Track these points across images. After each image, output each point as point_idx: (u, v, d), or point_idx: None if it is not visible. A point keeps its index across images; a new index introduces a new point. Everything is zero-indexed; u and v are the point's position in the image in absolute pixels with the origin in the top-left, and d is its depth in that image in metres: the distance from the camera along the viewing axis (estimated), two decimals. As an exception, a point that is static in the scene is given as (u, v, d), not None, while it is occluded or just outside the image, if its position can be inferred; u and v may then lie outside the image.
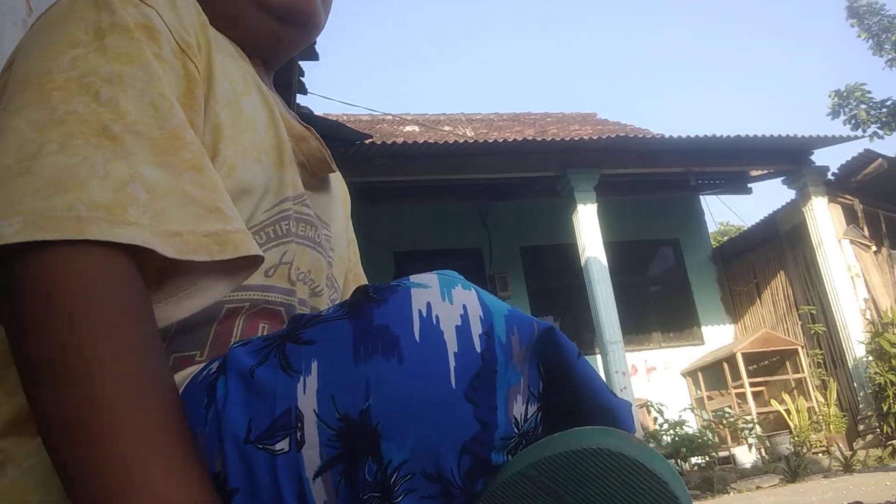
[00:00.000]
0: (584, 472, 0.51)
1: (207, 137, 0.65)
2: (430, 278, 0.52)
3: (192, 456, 0.48)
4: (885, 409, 7.46)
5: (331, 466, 0.48)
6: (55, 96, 0.54)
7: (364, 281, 1.02)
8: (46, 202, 0.48)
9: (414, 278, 0.52)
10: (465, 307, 0.50)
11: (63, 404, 0.46)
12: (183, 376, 0.58)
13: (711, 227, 11.46)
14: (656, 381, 9.25)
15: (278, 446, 0.48)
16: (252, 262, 0.59)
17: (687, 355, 9.57)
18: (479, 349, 0.48)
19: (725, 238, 12.94)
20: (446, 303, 0.50)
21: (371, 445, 0.47)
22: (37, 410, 0.48)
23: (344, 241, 0.93)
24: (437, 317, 0.49)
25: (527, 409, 0.50)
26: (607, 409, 0.54)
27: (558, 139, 7.66)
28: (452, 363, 0.47)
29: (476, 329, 0.49)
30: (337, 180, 0.94)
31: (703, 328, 9.87)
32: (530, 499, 0.52)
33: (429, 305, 0.49)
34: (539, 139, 7.56)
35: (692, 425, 8.11)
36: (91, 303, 0.48)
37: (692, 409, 8.71)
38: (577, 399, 0.53)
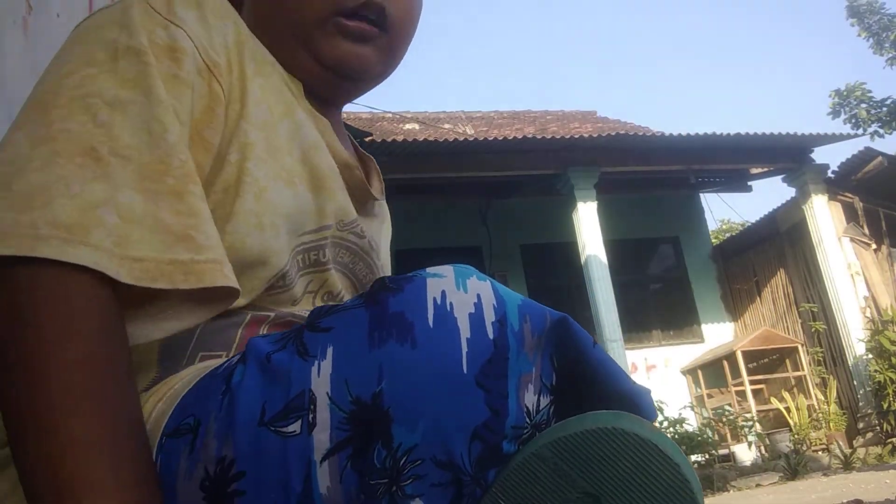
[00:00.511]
0: (597, 453, 0.51)
1: (234, 156, 0.65)
2: (447, 269, 0.53)
3: (134, 464, 0.49)
4: (884, 406, 7.47)
5: (340, 449, 0.48)
6: (55, 113, 0.55)
7: None
8: (14, 218, 0.50)
9: (430, 269, 0.53)
10: (479, 296, 0.50)
11: (8, 409, 0.49)
12: (198, 369, 0.60)
13: (712, 225, 11.47)
14: (656, 379, 9.25)
15: (290, 428, 0.49)
16: (226, 294, 0.59)
17: (687, 353, 9.57)
18: (491, 336, 0.49)
19: (727, 235, 12.95)
20: (461, 291, 0.50)
21: (382, 429, 0.47)
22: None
23: (388, 267, 0.94)
24: (451, 304, 0.50)
25: (538, 399, 0.51)
26: (627, 396, 0.55)
27: (558, 137, 7.66)
28: (465, 349, 0.48)
29: (489, 317, 0.49)
30: (383, 209, 0.94)
31: (703, 326, 9.87)
32: (543, 482, 0.52)
33: (443, 293, 0.50)
34: (539, 137, 7.56)
35: (692, 423, 8.12)
36: (40, 317, 0.49)
37: (692, 407, 8.72)
38: (594, 388, 0.54)
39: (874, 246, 8.62)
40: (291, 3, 0.74)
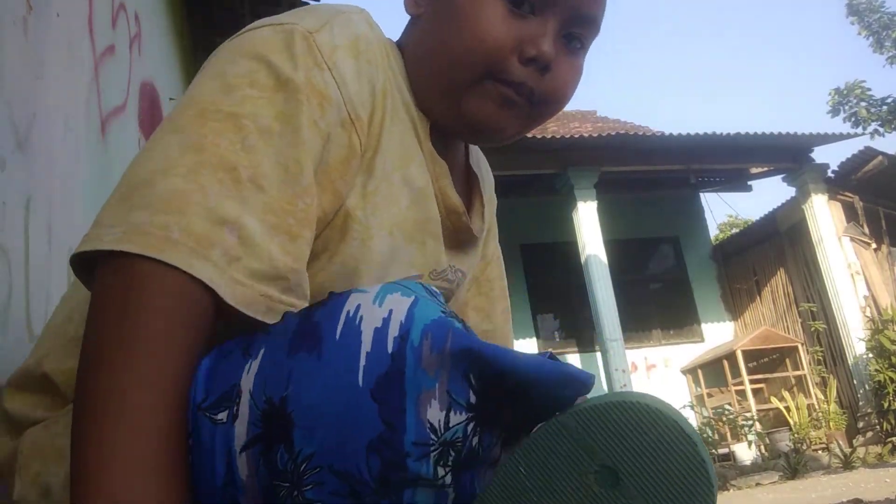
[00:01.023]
0: (620, 426, 0.52)
1: (352, 200, 0.69)
2: (376, 286, 0.55)
3: (178, 472, 0.52)
4: (884, 406, 7.47)
5: (253, 444, 0.51)
6: (210, 126, 0.59)
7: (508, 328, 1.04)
8: (149, 217, 0.54)
9: (365, 286, 0.56)
10: (391, 311, 0.52)
11: (90, 383, 0.52)
12: None
13: (712, 225, 11.47)
14: (656, 379, 9.25)
15: (219, 416, 0.53)
16: None
17: (687, 353, 9.57)
18: (390, 350, 0.50)
19: (733, 230, 12.93)
20: (375, 306, 0.52)
21: (285, 432, 0.50)
22: (77, 381, 0.53)
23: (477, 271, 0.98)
24: (361, 318, 0.52)
25: (448, 415, 0.50)
26: (560, 382, 0.53)
27: (558, 136, 7.66)
28: (363, 362, 0.50)
29: (393, 332, 0.51)
30: (491, 202, 0.96)
31: (703, 325, 9.87)
32: (564, 452, 0.53)
33: (358, 307, 0.53)
34: (539, 136, 7.55)
35: (692, 422, 8.11)
36: (144, 311, 0.53)
37: (692, 407, 8.72)
38: (532, 394, 0.53)
39: (874, 245, 8.62)
40: (452, 56, 0.74)
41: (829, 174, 8.47)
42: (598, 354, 7.84)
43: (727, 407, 8.56)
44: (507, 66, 0.73)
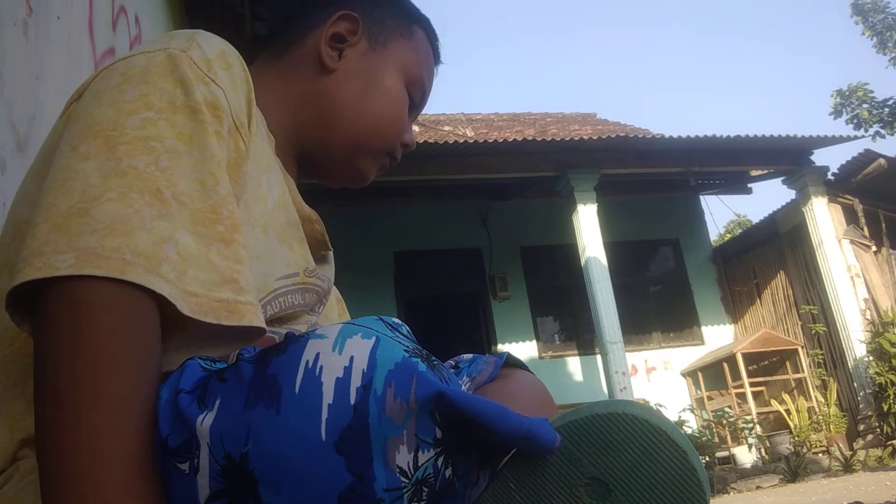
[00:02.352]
0: (607, 438, 0.52)
1: None
2: (334, 329, 0.54)
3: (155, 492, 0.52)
4: (885, 408, 7.47)
5: (216, 499, 0.50)
6: (122, 149, 0.60)
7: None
8: (99, 242, 0.55)
9: (323, 330, 0.55)
10: (352, 359, 0.51)
11: (54, 403, 0.51)
12: None
13: (717, 226, 11.46)
14: (656, 382, 9.25)
15: (182, 466, 0.52)
16: (255, 333, 0.63)
17: (687, 355, 9.57)
18: (353, 401, 0.49)
19: (740, 230, 12.90)
20: (335, 353, 0.52)
21: (250, 488, 0.49)
22: (37, 415, 0.52)
23: (334, 302, 1.04)
24: (321, 368, 0.51)
25: (416, 456, 0.50)
26: (521, 438, 0.53)
27: (558, 139, 7.66)
28: (325, 415, 0.49)
29: (355, 381, 0.50)
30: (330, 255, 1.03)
31: (703, 328, 9.87)
32: (552, 465, 0.53)
33: (317, 356, 0.52)
34: (539, 139, 7.56)
35: (692, 425, 8.11)
36: (113, 334, 0.53)
37: (692, 410, 8.72)
38: (487, 433, 0.52)
39: (874, 248, 8.62)
40: (372, 132, 0.91)
41: (830, 177, 8.47)
42: (598, 357, 7.84)
43: (727, 410, 8.55)
44: (396, 146, 0.95)
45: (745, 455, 7.68)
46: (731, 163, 8.53)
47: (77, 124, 0.64)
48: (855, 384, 8.08)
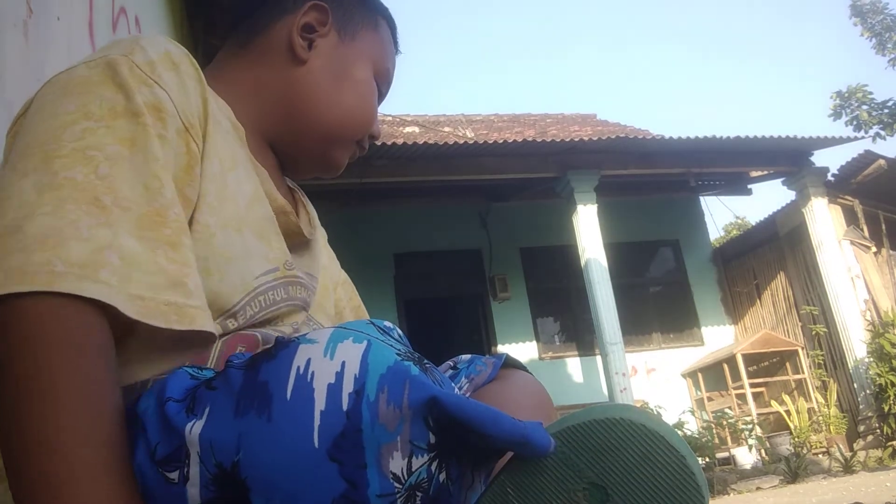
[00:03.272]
0: (605, 443, 0.52)
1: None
2: (324, 334, 0.53)
3: (126, 491, 0.52)
4: (885, 409, 7.46)
5: None
6: (58, 163, 0.59)
7: (364, 314, 1.10)
8: (27, 258, 0.54)
9: (314, 334, 0.54)
10: (343, 364, 0.50)
11: (15, 423, 0.51)
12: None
13: (716, 227, 11.46)
14: (656, 383, 9.25)
15: (171, 475, 0.51)
16: (207, 338, 0.63)
17: (687, 356, 9.56)
18: (345, 408, 0.49)
19: (741, 231, 12.89)
20: (326, 359, 0.51)
21: (242, 496, 0.49)
22: None
23: (329, 287, 1.00)
24: (312, 373, 0.50)
25: (410, 462, 0.50)
26: (511, 439, 0.52)
27: (558, 140, 7.65)
28: (317, 422, 0.48)
29: (347, 387, 0.49)
30: (317, 237, 1.01)
31: (703, 329, 9.87)
32: (550, 471, 0.53)
33: (308, 362, 0.51)
34: (539, 140, 7.56)
35: (692, 426, 8.11)
36: (50, 346, 0.53)
37: (692, 411, 8.71)
38: (481, 437, 0.52)
39: (874, 249, 8.62)
40: (344, 122, 0.91)
41: (829, 178, 8.47)
42: (598, 358, 7.83)
43: (727, 411, 8.55)
44: (365, 138, 0.96)
45: (746, 456, 7.67)
46: (730, 164, 8.53)
47: (19, 141, 0.64)
48: (855, 385, 8.07)
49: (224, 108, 0.81)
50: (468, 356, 0.88)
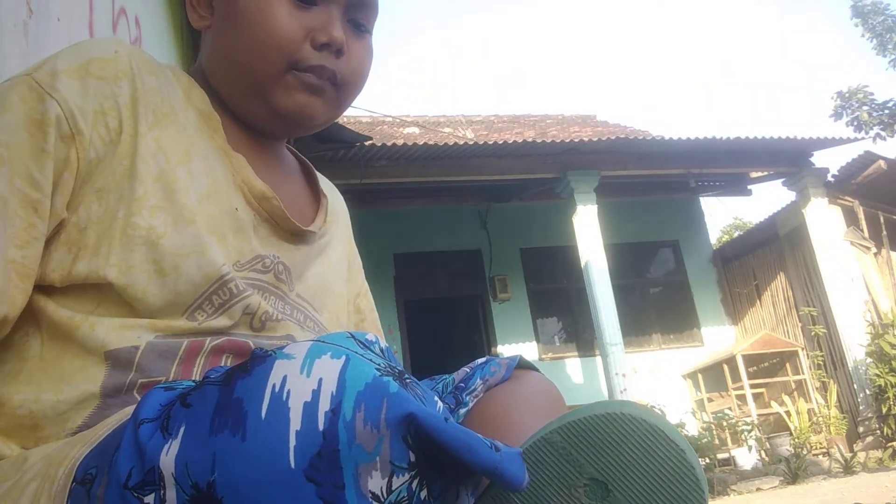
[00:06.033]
0: (605, 438, 0.52)
1: (122, 211, 0.72)
2: (301, 348, 0.51)
3: None
4: (885, 410, 7.47)
5: None
6: None
7: (370, 311, 1.08)
8: None
9: (291, 349, 0.52)
10: (320, 381, 0.49)
11: None
12: (123, 414, 0.63)
13: (713, 229, 11.47)
14: (656, 383, 9.24)
15: (146, 499, 0.50)
16: None
17: (687, 357, 9.56)
18: (321, 427, 0.47)
19: (737, 233, 12.89)
20: (303, 376, 0.49)
21: None
22: None
23: (337, 290, 0.95)
24: (288, 392, 0.49)
25: (390, 481, 0.48)
26: (488, 473, 0.51)
27: (558, 141, 7.65)
28: (293, 442, 0.47)
29: (324, 406, 0.48)
30: (335, 218, 0.97)
31: (703, 330, 9.87)
32: (551, 466, 0.53)
33: (284, 379, 0.49)
34: (539, 141, 7.56)
35: (692, 427, 8.11)
36: None
37: (692, 412, 8.71)
38: (458, 461, 0.51)
39: (874, 249, 8.62)
40: (247, 57, 0.81)
41: (829, 178, 8.47)
42: (599, 359, 7.83)
43: (727, 411, 8.55)
44: (302, 55, 0.80)
45: (746, 457, 7.67)
46: (730, 164, 8.53)
47: None
48: (855, 386, 8.08)
49: (198, 97, 0.81)
50: (483, 358, 0.87)
